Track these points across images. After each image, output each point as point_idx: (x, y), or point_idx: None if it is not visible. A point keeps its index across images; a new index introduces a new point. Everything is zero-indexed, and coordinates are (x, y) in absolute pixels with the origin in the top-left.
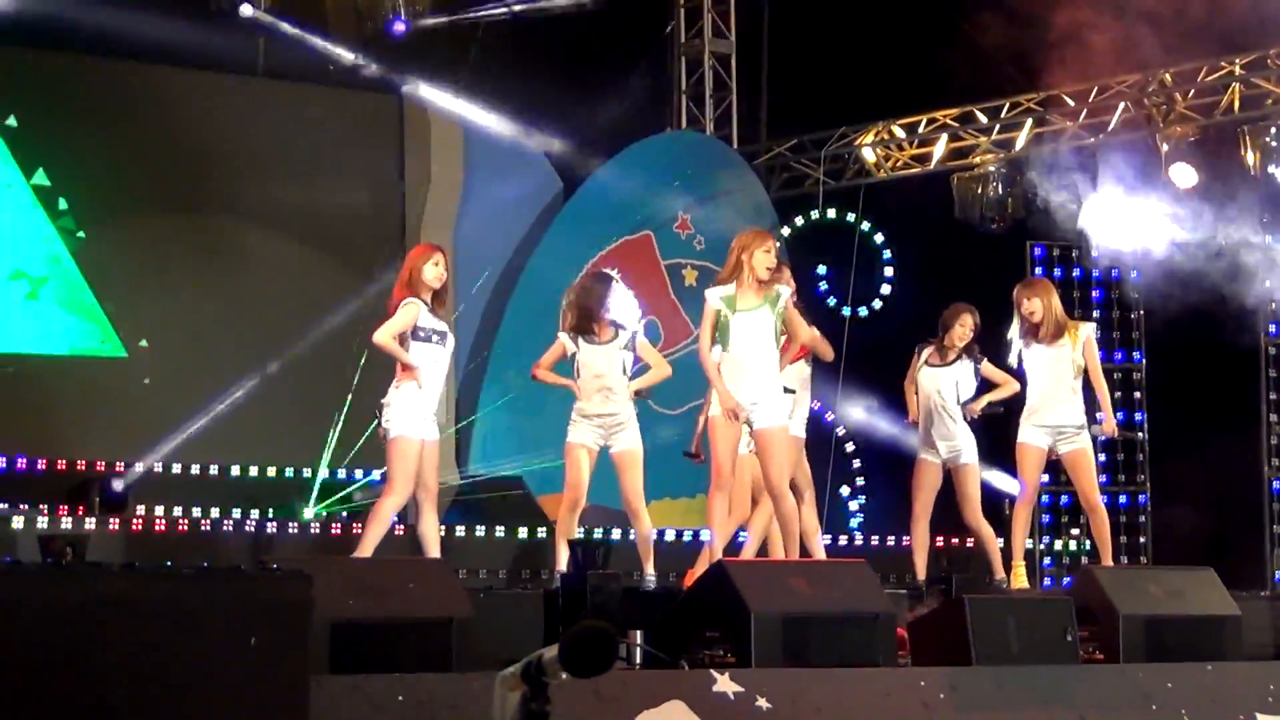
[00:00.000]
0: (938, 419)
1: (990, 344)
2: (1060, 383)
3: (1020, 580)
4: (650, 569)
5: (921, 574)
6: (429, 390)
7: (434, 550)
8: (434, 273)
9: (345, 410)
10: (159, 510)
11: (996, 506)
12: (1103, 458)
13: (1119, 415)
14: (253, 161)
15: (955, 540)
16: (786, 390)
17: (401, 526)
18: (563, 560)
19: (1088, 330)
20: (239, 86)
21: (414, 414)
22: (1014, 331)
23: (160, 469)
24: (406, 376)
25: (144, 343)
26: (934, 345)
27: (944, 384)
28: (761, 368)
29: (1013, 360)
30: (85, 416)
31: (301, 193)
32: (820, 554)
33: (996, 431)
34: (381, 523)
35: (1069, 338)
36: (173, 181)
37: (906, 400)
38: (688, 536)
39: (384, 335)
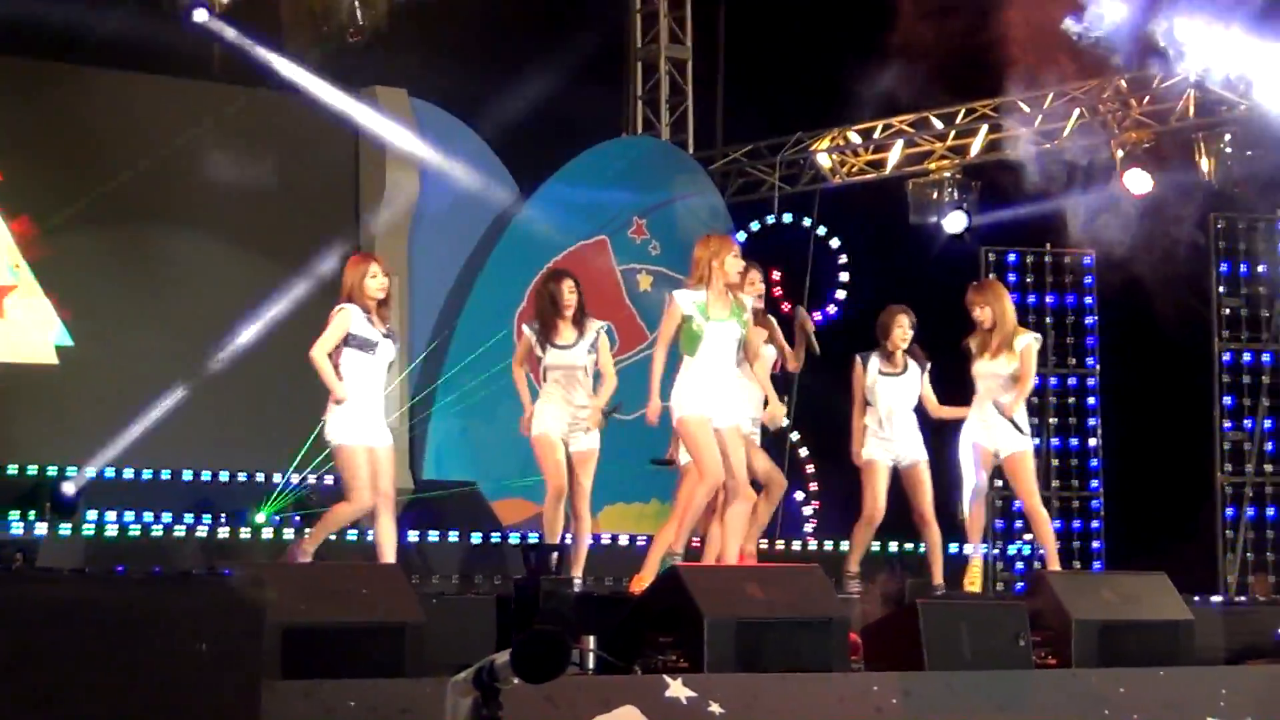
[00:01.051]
0: (893, 425)
1: (946, 348)
2: (998, 393)
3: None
4: (579, 572)
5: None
6: (366, 399)
7: (388, 555)
8: (374, 284)
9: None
10: (110, 515)
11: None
12: (1055, 462)
13: (1072, 420)
14: (207, 166)
15: (909, 545)
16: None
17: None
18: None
19: (1028, 339)
20: (193, 91)
21: (353, 423)
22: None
23: (112, 473)
24: (332, 398)
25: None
26: (878, 353)
27: (905, 390)
28: (728, 378)
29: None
30: (35, 421)
31: (256, 198)
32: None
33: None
34: (332, 523)
35: (1013, 349)
36: (126, 185)
37: (854, 424)
38: (641, 541)
39: (316, 351)
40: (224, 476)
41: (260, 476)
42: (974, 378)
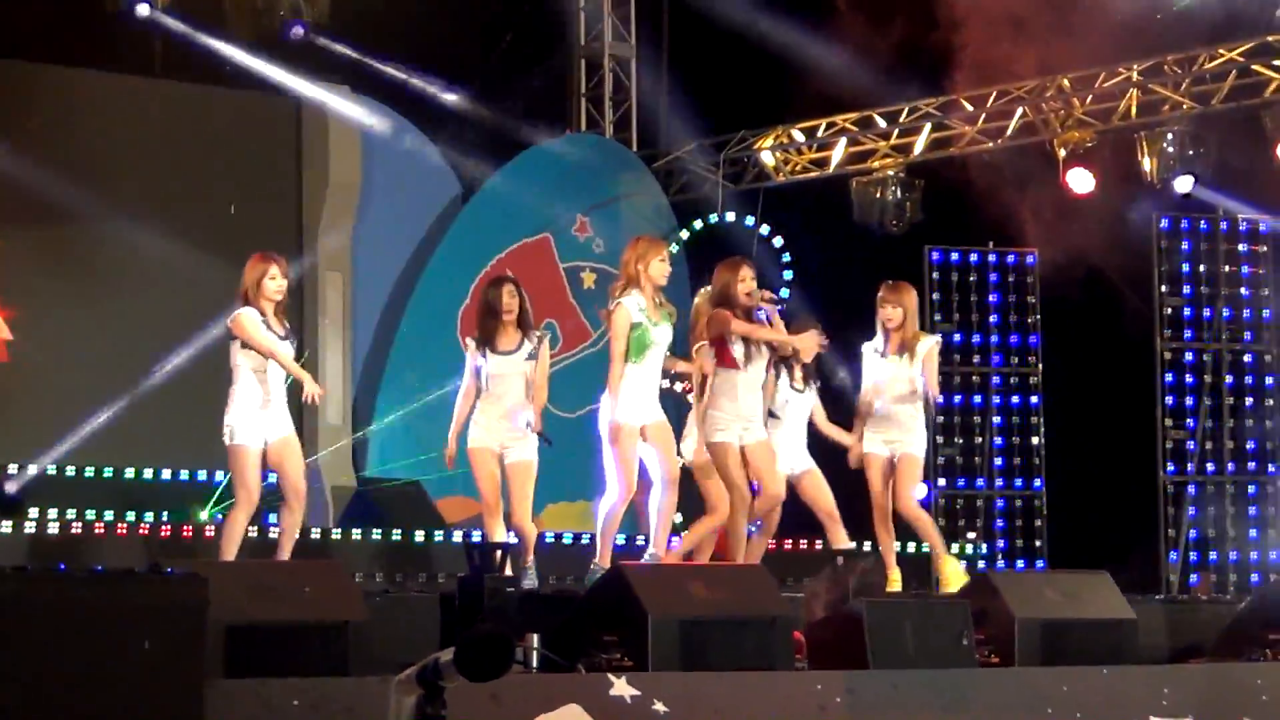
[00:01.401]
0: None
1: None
2: (899, 397)
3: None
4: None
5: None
6: (263, 400)
7: (282, 551)
8: (273, 286)
9: None
10: (53, 513)
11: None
12: (999, 461)
13: (1016, 419)
14: (148, 163)
15: (853, 544)
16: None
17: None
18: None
19: (930, 343)
20: (135, 87)
21: (248, 423)
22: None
23: (54, 471)
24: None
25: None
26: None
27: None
28: (656, 382)
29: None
30: None
31: (197, 196)
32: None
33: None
34: (230, 534)
35: (914, 352)
36: (66, 183)
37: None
38: (585, 540)
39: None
40: (166, 475)
41: (202, 475)
42: (872, 378)
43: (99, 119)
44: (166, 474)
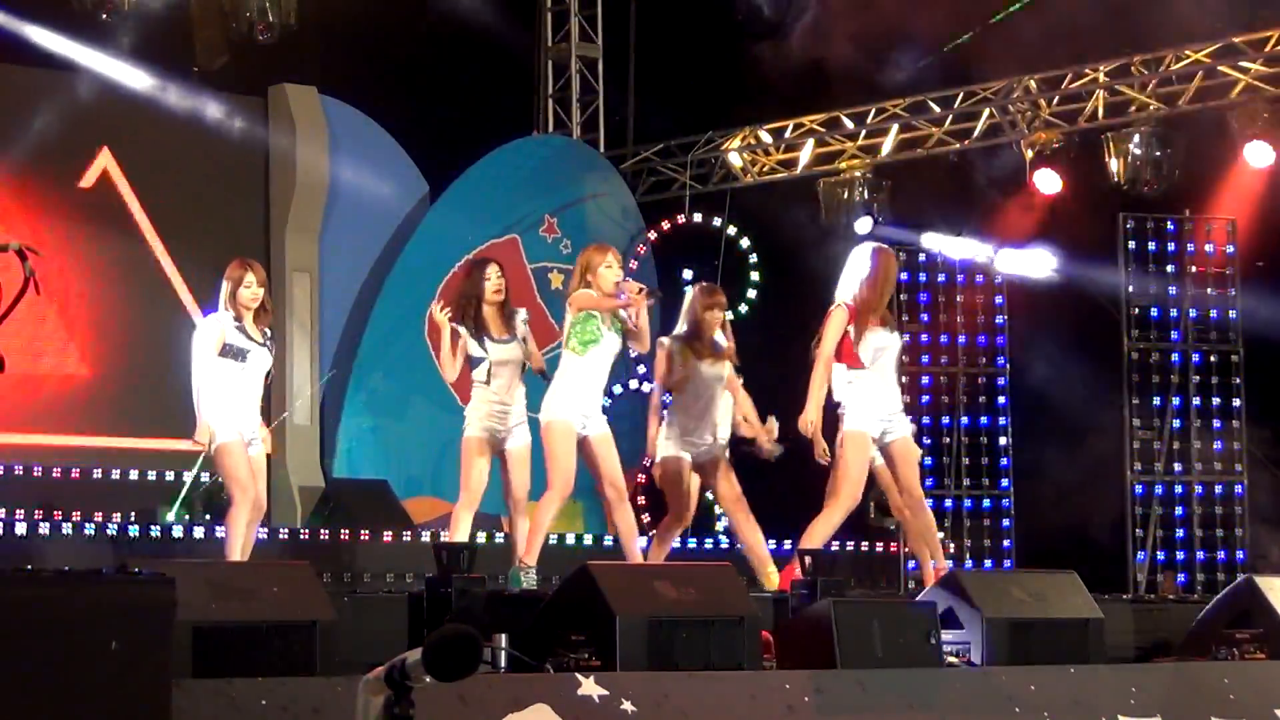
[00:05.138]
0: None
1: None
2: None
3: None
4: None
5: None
6: (238, 407)
7: (236, 551)
8: (246, 294)
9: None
10: (19, 513)
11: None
12: (966, 460)
13: (984, 419)
14: (115, 161)
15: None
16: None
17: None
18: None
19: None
20: (102, 86)
21: (226, 419)
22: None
23: (20, 471)
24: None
25: None
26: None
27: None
28: (601, 385)
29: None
30: None
31: (165, 194)
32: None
33: None
34: (233, 534)
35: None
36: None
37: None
38: (553, 540)
39: (196, 368)
40: (133, 475)
41: (170, 475)
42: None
43: (66, 116)
44: (133, 474)
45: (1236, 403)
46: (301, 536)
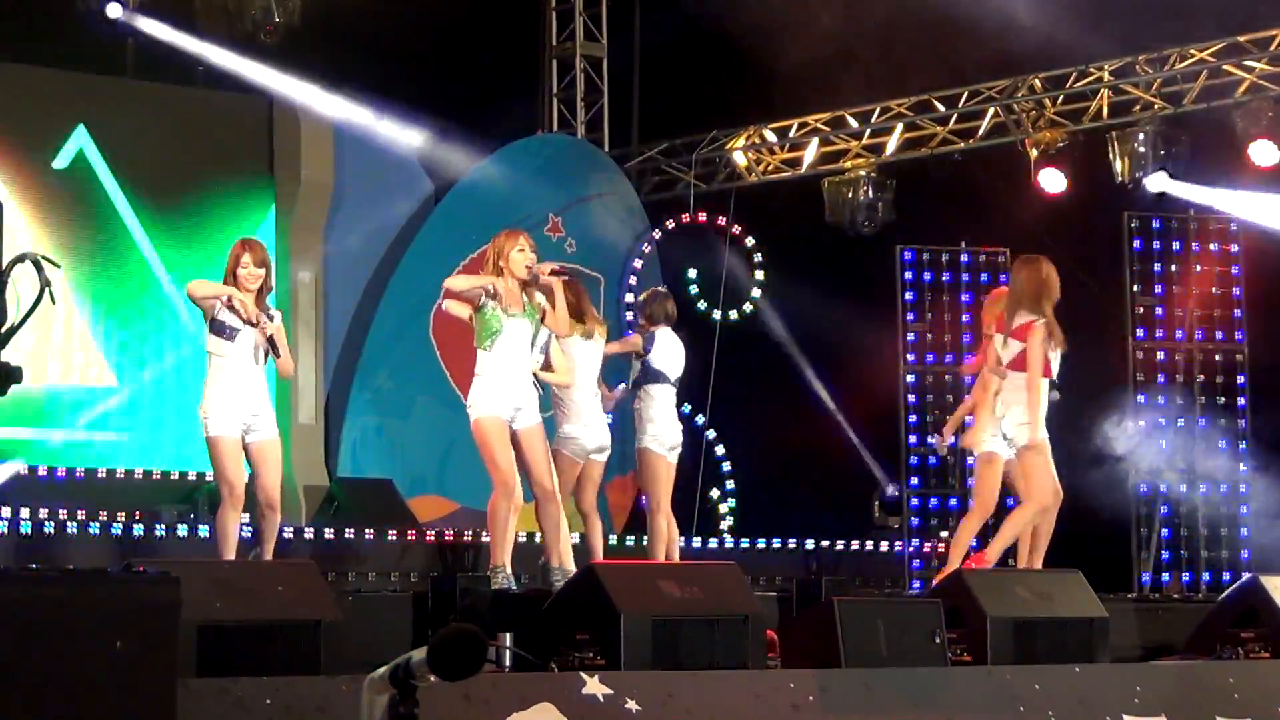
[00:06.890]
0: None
1: (865, 347)
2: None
3: None
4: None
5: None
6: (233, 389)
7: (227, 551)
8: (243, 273)
9: None
10: (24, 512)
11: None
12: (970, 460)
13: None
14: (121, 164)
15: (825, 543)
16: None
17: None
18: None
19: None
20: (108, 88)
21: (223, 412)
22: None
23: (26, 470)
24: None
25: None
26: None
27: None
28: (524, 374)
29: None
30: None
31: (172, 195)
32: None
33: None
34: (221, 534)
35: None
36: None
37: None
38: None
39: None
40: (138, 474)
41: (175, 474)
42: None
43: (73, 119)
44: (139, 474)
45: (1241, 401)
46: (306, 536)
